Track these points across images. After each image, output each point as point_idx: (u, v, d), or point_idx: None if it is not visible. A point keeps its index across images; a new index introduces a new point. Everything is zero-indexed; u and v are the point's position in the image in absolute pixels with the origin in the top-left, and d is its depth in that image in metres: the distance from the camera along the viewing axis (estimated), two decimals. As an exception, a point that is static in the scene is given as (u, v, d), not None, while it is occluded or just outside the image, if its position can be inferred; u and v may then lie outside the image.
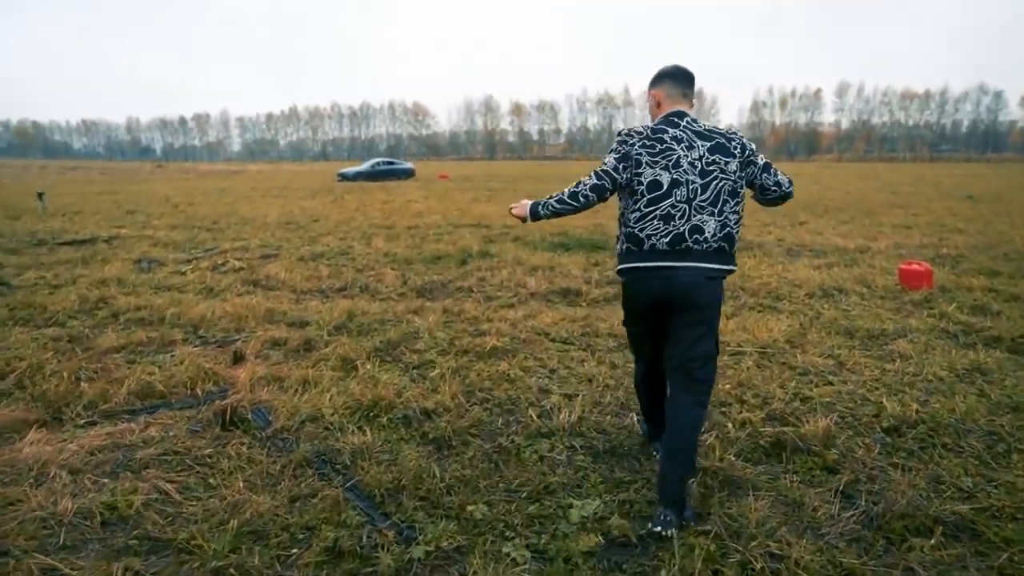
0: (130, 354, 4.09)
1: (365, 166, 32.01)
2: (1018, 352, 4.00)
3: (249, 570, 1.99)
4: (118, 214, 13.76)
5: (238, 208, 15.06)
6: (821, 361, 3.84)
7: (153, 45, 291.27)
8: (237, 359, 3.94)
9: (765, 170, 2.34)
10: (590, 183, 2.35)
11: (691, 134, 2.28)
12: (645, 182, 2.26)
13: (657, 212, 2.25)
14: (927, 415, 3.03)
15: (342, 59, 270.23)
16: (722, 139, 2.28)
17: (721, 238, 2.25)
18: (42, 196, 14.62)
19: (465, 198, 17.67)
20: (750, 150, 2.31)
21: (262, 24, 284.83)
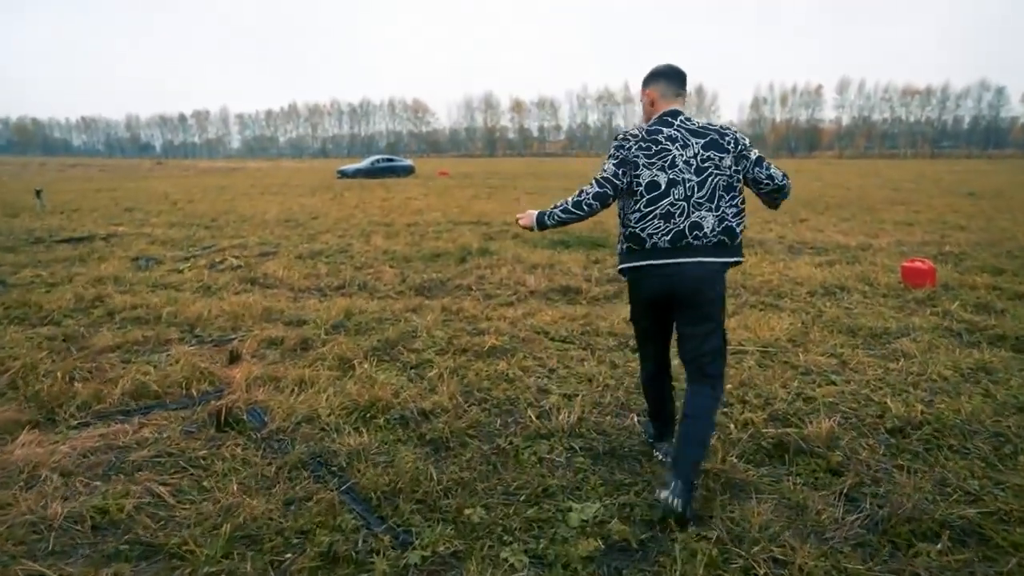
0: (125, 353, 4.05)
1: (365, 163, 31.93)
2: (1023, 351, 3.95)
3: (241, 576, 1.95)
4: (116, 211, 13.71)
5: (237, 205, 15.01)
6: (824, 360, 3.80)
7: (153, 42, 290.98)
8: (233, 358, 3.89)
9: (757, 164, 2.36)
10: (592, 191, 2.38)
11: (685, 132, 2.32)
12: (643, 183, 2.31)
13: (657, 211, 2.30)
14: (932, 416, 2.99)
15: (342, 56, 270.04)
16: (716, 135, 2.32)
17: (720, 232, 2.29)
18: (40, 194, 14.58)
19: (465, 195, 17.61)
20: (743, 144, 2.34)
21: (262, 21, 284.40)
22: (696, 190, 2.28)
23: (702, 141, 2.30)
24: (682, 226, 2.27)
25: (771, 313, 4.90)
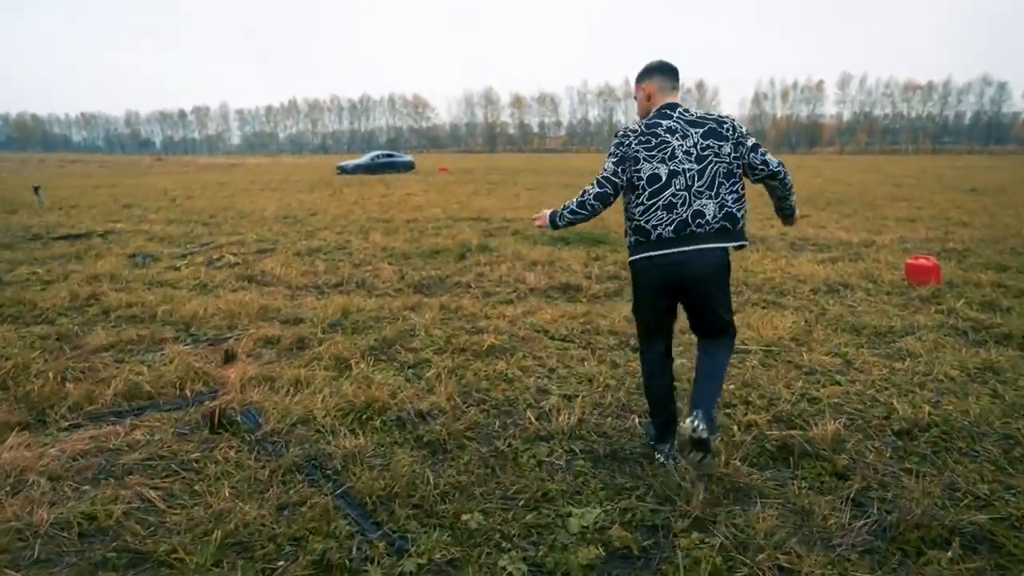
0: (119, 353, 3.99)
1: (364, 159, 31.80)
2: (1030, 350, 3.89)
3: (232, 585, 1.89)
4: (115, 208, 13.64)
5: (236, 202, 14.93)
6: (828, 360, 3.73)
7: (153, 38, 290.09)
8: (228, 358, 3.83)
9: (753, 150, 2.41)
10: (594, 192, 2.50)
11: (684, 123, 2.40)
12: (644, 176, 2.40)
13: (659, 203, 2.38)
14: (939, 417, 2.92)
15: (342, 52, 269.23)
16: (714, 124, 2.40)
17: (722, 218, 2.37)
18: (39, 190, 14.52)
19: (465, 191, 17.52)
20: (740, 132, 2.41)
21: (262, 17, 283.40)
22: (696, 179, 2.35)
23: (701, 130, 2.38)
24: (685, 215, 2.35)
25: (774, 311, 4.83)
